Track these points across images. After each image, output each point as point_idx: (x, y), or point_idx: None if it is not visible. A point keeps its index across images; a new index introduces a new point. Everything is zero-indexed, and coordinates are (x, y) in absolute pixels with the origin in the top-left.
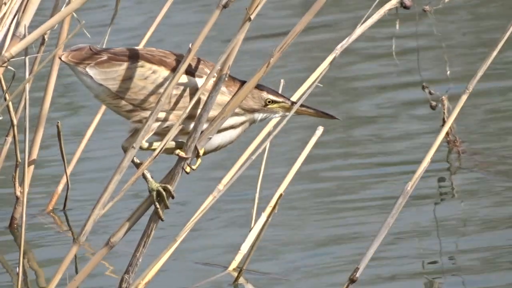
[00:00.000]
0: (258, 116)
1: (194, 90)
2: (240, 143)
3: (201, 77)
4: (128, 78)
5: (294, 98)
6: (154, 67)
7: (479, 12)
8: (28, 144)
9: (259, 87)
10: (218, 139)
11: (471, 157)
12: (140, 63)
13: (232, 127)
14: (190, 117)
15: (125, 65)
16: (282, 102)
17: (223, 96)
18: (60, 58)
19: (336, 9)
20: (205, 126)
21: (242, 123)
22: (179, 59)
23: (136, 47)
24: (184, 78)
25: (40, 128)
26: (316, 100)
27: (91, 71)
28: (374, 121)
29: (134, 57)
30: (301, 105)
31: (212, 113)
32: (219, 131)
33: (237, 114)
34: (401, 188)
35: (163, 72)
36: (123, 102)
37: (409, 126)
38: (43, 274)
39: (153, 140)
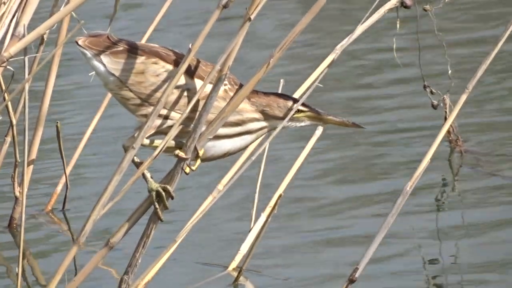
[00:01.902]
0: (281, 124)
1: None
2: None
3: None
4: (140, 72)
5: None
6: (168, 66)
7: (479, 11)
8: (27, 144)
9: (284, 97)
10: (228, 144)
11: (473, 156)
12: (155, 59)
13: (249, 132)
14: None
15: (140, 59)
16: (308, 111)
17: (245, 104)
18: (76, 42)
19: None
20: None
21: (260, 129)
22: (196, 64)
23: (154, 44)
24: (196, 82)
25: (39, 128)
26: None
27: (105, 59)
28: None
29: (150, 53)
30: (328, 114)
31: (232, 118)
32: (235, 135)
33: (257, 120)
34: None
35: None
36: (131, 95)
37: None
38: (43, 275)
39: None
